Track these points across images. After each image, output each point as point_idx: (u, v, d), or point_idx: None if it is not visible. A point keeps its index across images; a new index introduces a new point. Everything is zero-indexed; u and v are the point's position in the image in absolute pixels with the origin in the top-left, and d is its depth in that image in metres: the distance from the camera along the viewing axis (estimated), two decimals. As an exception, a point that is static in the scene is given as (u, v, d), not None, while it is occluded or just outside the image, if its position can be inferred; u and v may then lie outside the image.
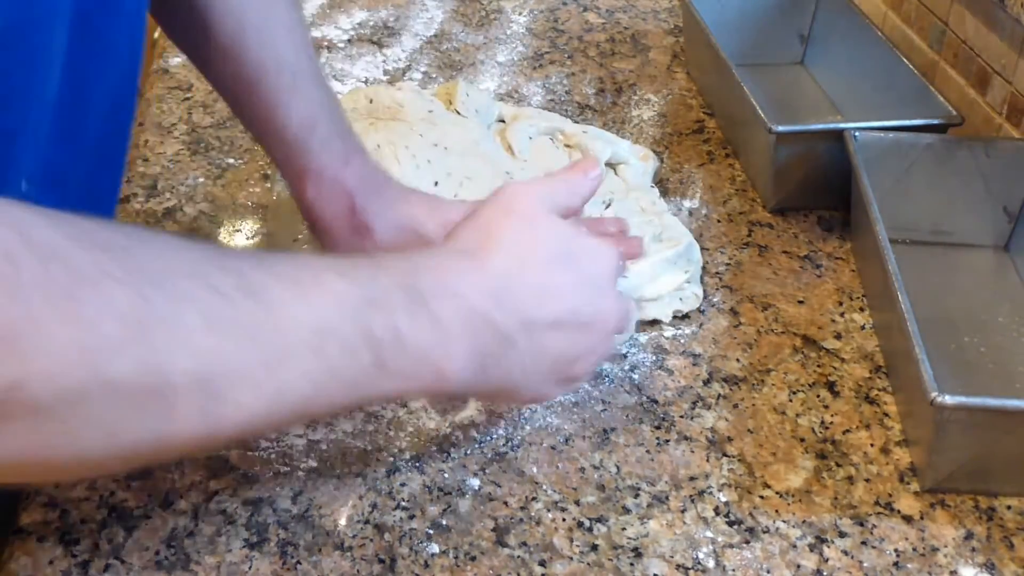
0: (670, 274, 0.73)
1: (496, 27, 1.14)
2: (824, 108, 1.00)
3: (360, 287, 0.48)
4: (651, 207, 0.79)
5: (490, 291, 0.52)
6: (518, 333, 0.52)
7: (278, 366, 0.43)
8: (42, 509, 0.57)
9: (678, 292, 0.73)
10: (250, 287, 0.44)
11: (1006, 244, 0.81)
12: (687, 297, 0.73)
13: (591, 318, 0.55)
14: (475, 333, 0.51)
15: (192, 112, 0.94)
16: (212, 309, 0.42)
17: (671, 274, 0.73)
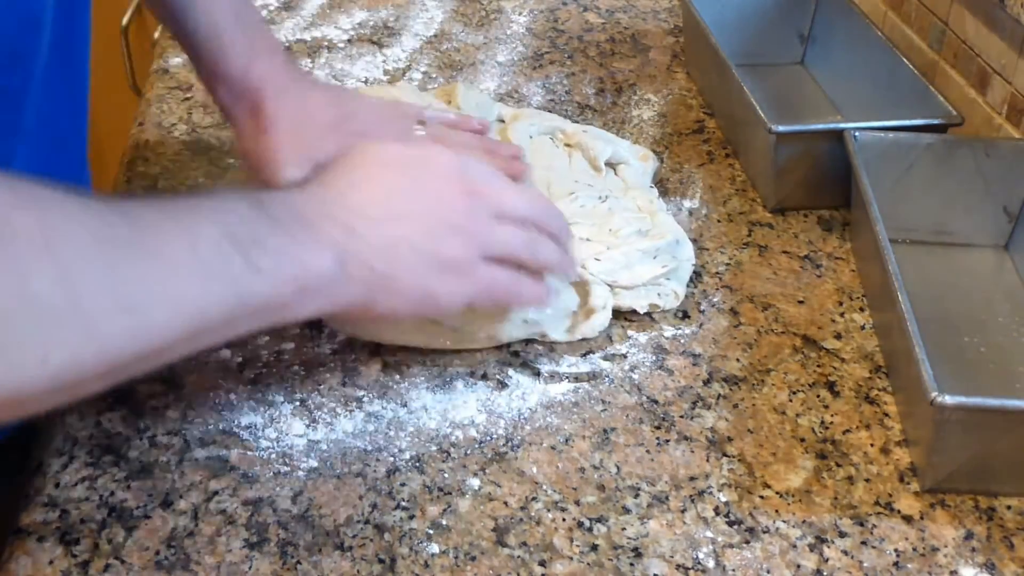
0: (645, 265, 0.73)
1: (496, 27, 1.14)
2: (824, 108, 1.00)
3: (216, 204, 0.53)
4: (648, 205, 0.79)
5: (318, 198, 0.57)
6: (356, 221, 0.56)
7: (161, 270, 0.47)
8: (42, 509, 0.57)
9: (655, 286, 0.73)
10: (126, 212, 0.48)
11: (1006, 244, 0.81)
12: (665, 293, 0.73)
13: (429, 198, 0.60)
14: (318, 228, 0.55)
15: (192, 112, 0.94)
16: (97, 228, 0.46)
17: (646, 265, 0.73)
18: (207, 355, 0.67)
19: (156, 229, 0.49)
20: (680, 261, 0.75)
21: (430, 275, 0.59)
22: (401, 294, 0.59)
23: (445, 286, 0.59)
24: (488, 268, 0.61)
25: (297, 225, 0.55)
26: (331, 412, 0.64)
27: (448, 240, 0.59)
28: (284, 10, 1.14)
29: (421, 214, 0.59)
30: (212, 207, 0.52)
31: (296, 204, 0.56)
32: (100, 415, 0.63)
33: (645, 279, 0.72)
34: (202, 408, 0.64)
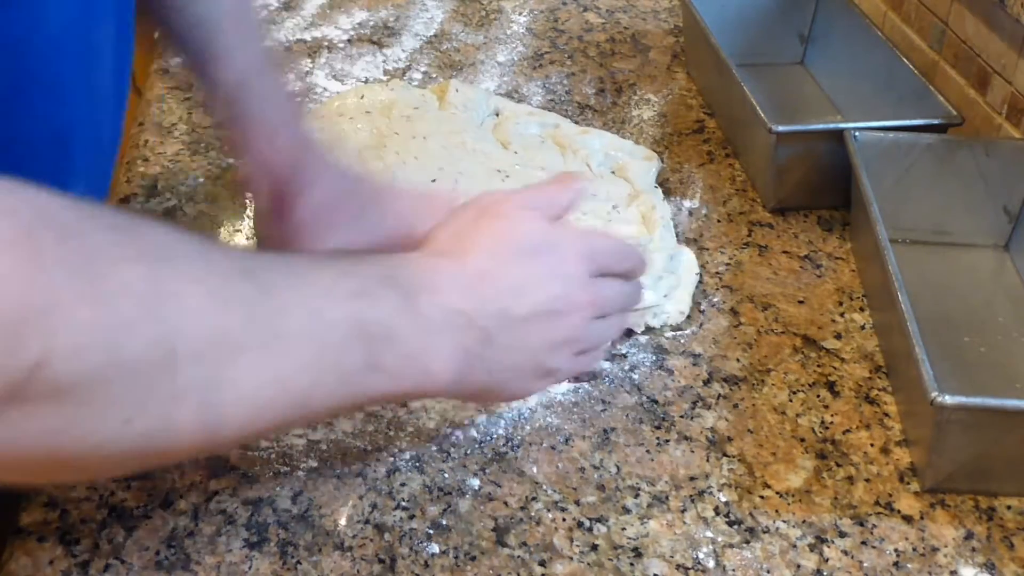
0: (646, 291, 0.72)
1: (496, 27, 1.14)
2: (824, 108, 1.00)
3: (349, 280, 0.48)
4: (651, 212, 0.79)
5: (468, 287, 0.53)
6: (496, 328, 0.53)
7: (276, 350, 0.44)
8: (42, 509, 0.57)
9: (652, 308, 0.72)
10: (249, 270, 0.44)
11: (1006, 244, 0.81)
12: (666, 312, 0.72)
13: (564, 307, 0.56)
14: (457, 329, 0.51)
15: (192, 112, 0.94)
16: (216, 288, 0.42)
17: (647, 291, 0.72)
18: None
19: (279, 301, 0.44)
20: (680, 276, 0.75)
21: (530, 381, 0.57)
22: (498, 397, 0.60)
23: (535, 388, 0.59)
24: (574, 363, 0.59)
25: (439, 323, 0.51)
26: (331, 412, 0.64)
27: (560, 352, 0.57)
28: (284, 10, 1.15)
29: (552, 324, 0.56)
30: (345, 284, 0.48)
31: (444, 291, 0.52)
32: (100, 415, 0.63)
33: (647, 303, 0.71)
34: (202, 408, 0.64)
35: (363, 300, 0.48)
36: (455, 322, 0.51)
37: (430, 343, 0.50)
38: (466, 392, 0.57)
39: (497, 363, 0.54)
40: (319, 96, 0.98)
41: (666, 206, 0.81)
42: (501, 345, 0.53)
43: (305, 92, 0.98)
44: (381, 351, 0.48)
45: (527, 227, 0.57)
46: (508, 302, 0.54)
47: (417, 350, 0.49)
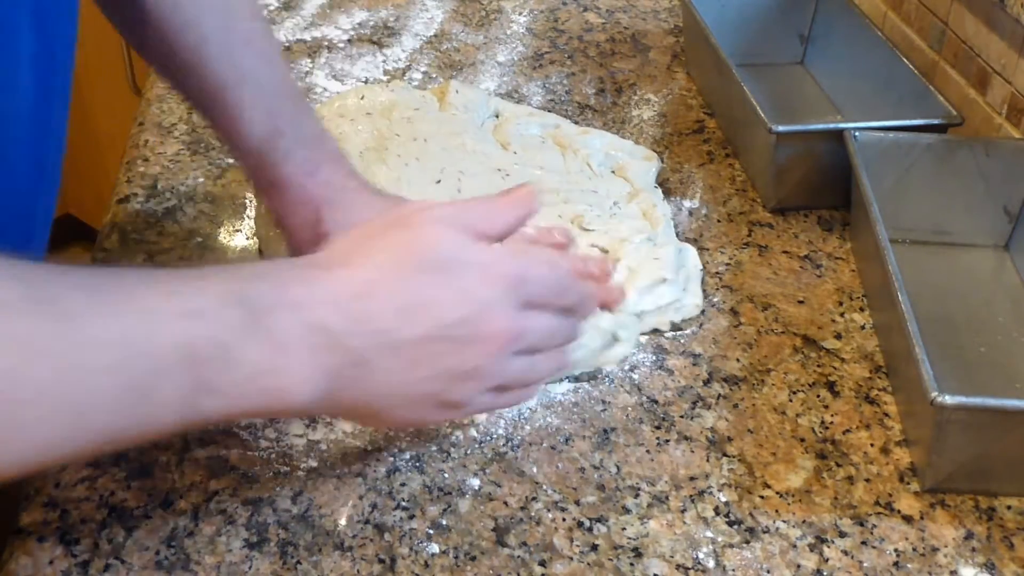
0: (666, 288, 0.72)
1: (496, 27, 1.14)
2: (824, 108, 1.00)
3: (180, 299, 0.45)
4: (652, 210, 0.79)
5: (342, 304, 0.49)
6: (375, 353, 0.49)
7: (76, 385, 0.41)
8: (42, 509, 0.57)
9: (674, 303, 0.72)
10: (42, 298, 0.41)
11: (1006, 244, 0.81)
12: (685, 306, 0.73)
13: (468, 337, 0.51)
14: (319, 350, 0.48)
15: (192, 112, 0.94)
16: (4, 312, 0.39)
17: (667, 287, 0.72)
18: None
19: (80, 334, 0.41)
20: (689, 271, 0.75)
21: (425, 410, 0.53)
22: (387, 423, 0.57)
23: (434, 418, 0.56)
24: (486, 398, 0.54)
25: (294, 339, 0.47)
26: (331, 412, 0.64)
27: (463, 384, 0.52)
28: (284, 10, 1.15)
29: (452, 354, 0.51)
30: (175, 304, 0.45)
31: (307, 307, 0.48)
32: (100, 415, 0.63)
33: (667, 299, 0.71)
34: (202, 408, 0.64)
35: (194, 320, 0.45)
36: (315, 341, 0.47)
37: (281, 363, 0.46)
38: (342, 413, 0.54)
39: (376, 387, 0.50)
40: (319, 96, 0.98)
41: (666, 205, 0.82)
42: (381, 369, 0.49)
43: (305, 92, 0.98)
44: (215, 373, 0.45)
45: (437, 241, 0.52)
46: (391, 323, 0.49)
47: (263, 370, 0.46)
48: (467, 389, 0.52)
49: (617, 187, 0.82)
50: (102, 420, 0.43)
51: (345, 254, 0.51)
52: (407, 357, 0.50)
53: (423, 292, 0.50)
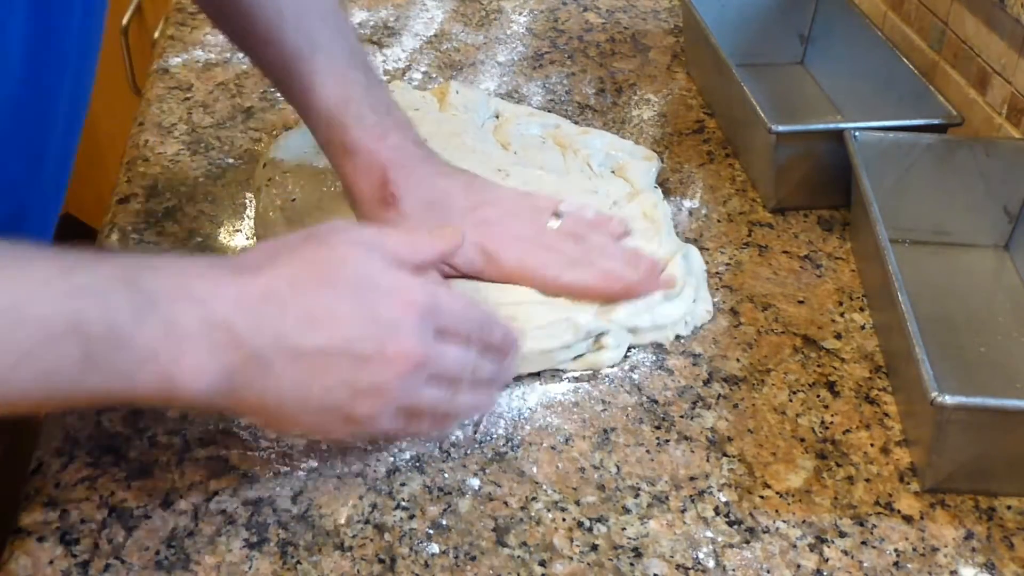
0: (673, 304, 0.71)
1: (496, 27, 1.14)
2: (824, 108, 1.00)
3: (75, 274, 0.46)
4: (652, 210, 0.79)
5: (244, 306, 0.50)
6: (275, 355, 0.50)
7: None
8: (42, 509, 0.57)
9: (683, 317, 0.72)
10: None
11: (1006, 244, 0.81)
12: (696, 315, 0.72)
13: (372, 353, 0.51)
14: (218, 345, 0.48)
15: (192, 112, 0.94)
16: None
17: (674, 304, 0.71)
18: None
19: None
20: (696, 276, 0.74)
21: (328, 421, 0.53)
22: (291, 428, 0.57)
23: (340, 432, 0.55)
24: (393, 421, 0.55)
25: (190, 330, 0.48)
26: (331, 412, 0.64)
27: (367, 400, 0.52)
28: (284, 10, 1.14)
29: (356, 367, 0.51)
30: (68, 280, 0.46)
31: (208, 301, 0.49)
32: (100, 415, 0.63)
33: (675, 318, 0.71)
34: (202, 408, 0.64)
35: (85, 299, 0.46)
36: (214, 336, 0.48)
37: (174, 352, 0.47)
38: (246, 412, 0.54)
39: (278, 391, 0.50)
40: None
41: (666, 205, 0.81)
42: (283, 373, 0.50)
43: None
44: (104, 351, 0.46)
45: (352, 260, 0.53)
46: (294, 329, 0.50)
47: (154, 357, 0.47)
48: (371, 406, 0.52)
49: (617, 187, 0.82)
50: None
51: (255, 261, 0.52)
52: (308, 365, 0.50)
53: (329, 304, 0.51)
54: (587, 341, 0.68)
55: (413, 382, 0.53)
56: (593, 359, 0.68)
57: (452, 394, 0.56)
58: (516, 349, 0.60)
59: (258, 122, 0.93)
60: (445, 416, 0.58)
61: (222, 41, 1.07)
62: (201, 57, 1.04)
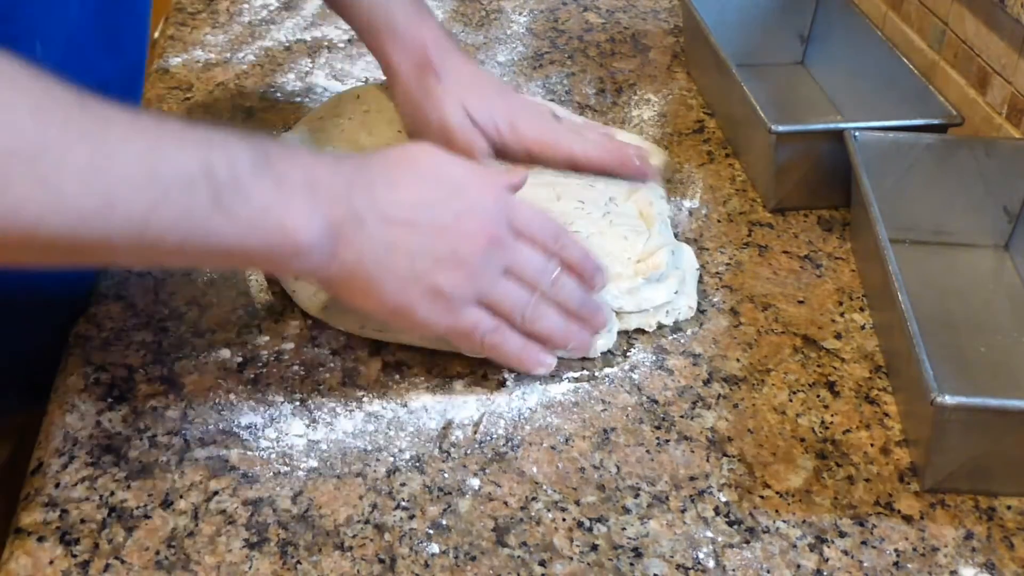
0: (654, 290, 0.72)
1: (496, 27, 1.14)
2: (824, 108, 1.00)
3: (202, 129, 0.51)
4: (648, 208, 0.78)
5: (340, 172, 0.55)
6: (371, 216, 0.55)
7: (107, 169, 0.46)
8: (42, 509, 0.57)
9: (665, 305, 0.72)
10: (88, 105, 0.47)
11: (1006, 244, 0.81)
12: (678, 308, 0.72)
13: (450, 223, 0.57)
14: (321, 201, 0.53)
15: (192, 112, 0.94)
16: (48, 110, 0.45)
17: (655, 290, 0.72)
18: (207, 355, 0.67)
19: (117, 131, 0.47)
20: (685, 271, 0.75)
21: (414, 294, 0.57)
22: (378, 299, 0.58)
23: (424, 309, 0.58)
24: (476, 311, 0.59)
25: (298, 185, 0.53)
26: (331, 412, 0.64)
27: (448, 272, 0.57)
28: (284, 10, 1.15)
29: (437, 236, 0.57)
30: (195, 133, 0.50)
31: (311, 167, 0.54)
32: (100, 415, 0.63)
33: (657, 303, 0.71)
34: (202, 408, 0.64)
35: (211, 147, 0.50)
36: (318, 193, 0.53)
37: (286, 201, 0.52)
38: (340, 280, 0.56)
39: (371, 251, 0.55)
40: (319, 96, 0.98)
41: (664, 203, 0.81)
42: (376, 237, 0.55)
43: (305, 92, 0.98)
44: (227, 196, 0.50)
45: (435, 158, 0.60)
46: (385, 193, 0.56)
47: (270, 203, 0.51)
48: (452, 278, 0.57)
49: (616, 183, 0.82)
50: (130, 207, 0.47)
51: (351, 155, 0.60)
52: (395, 231, 0.56)
53: (412, 182, 0.58)
54: None
55: (490, 261, 0.58)
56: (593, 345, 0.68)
57: (537, 301, 0.61)
58: (603, 279, 0.65)
59: (258, 122, 0.93)
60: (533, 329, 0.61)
61: (222, 41, 1.07)
62: (201, 57, 1.04)
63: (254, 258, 0.54)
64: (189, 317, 0.70)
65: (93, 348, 0.67)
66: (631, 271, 0.71)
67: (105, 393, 0.64)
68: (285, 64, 1.03)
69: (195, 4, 1.14)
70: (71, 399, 0.64)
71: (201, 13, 1.12)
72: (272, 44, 1.07)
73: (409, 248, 0.56)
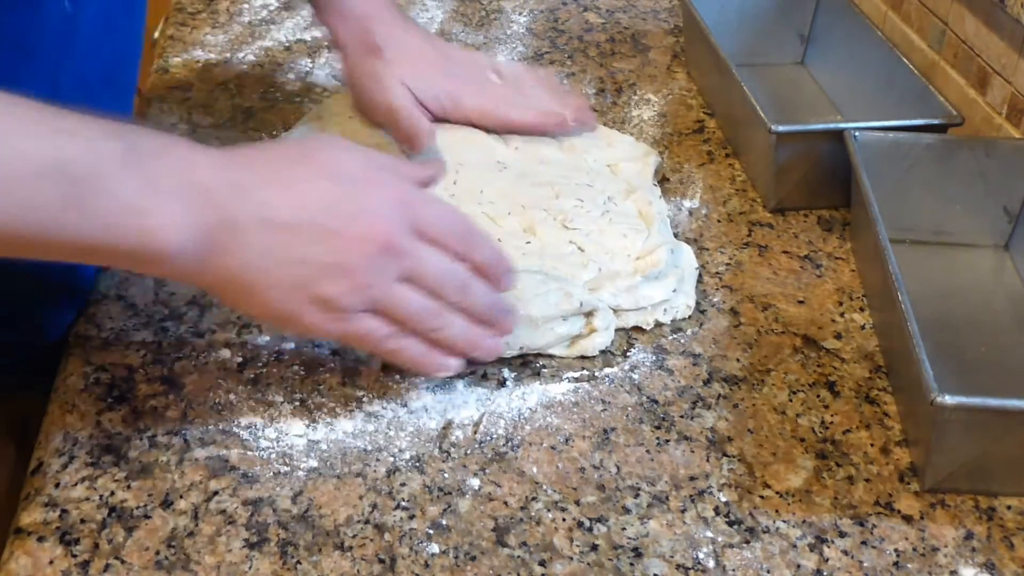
0: (653, 288, 0.72)
1: (496, 27, 1.14)
2: (824, 108, 1.00)
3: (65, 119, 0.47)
4: (647, 208, 0.78)
5: (222, 172, 0.51)
6: (250, 223, 0.51)
7: None
8: (42, 509, 0.57)
9: (663, 303, 0.72)
10: None
11: (1006, 244, 0.81)
12: (676, 307, 0.73)
13: (340, 228, 0.53)
14: (194, 202, 0.49)
15: (192, 112, 0.94)
16: None
17: (654, 288, 0.72)
18: (207, 355, 0.67)
19: None
20: (684, 270, 0.75)
21: (298, 302, 0.54)
22: (261, 307, 0.55)
23: (311, 317, 0.55)
24: (368, 320, 0.56)
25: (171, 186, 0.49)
26: (331, 412, 0.64)
27: (334, 281, 0.53)
28: (284, 10, 1.15)
29: (323, 242, 0.53)
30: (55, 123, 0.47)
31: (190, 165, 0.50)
32: (100, 415, 0.63)
33: (655, 300, 0.72)
34: (202, 408, 0.64)
35: (71, 140, 0.47)
36: (192, 196, 0.49)
37: (154, 204, 0.48)
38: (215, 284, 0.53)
39: (249, 259, 0.51)
40: (319, 96, 0.98)
41: (662, 203, 0.81)
42: (254, 241, 0.51)
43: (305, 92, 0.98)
44: (85, 196, 0.47)
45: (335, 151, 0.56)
46: (270, 196, 0.51)
47: (134, 206, 0.48)
48: (338, 286, 0.53)
49: (614, 183, 0.82)
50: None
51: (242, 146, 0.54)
52: (278, 236, 0.52)
53: (305, 181, 0.53)
54: (580, 322, 0.68)
55: (383, 269, 0.54)
56: (586, 343, 0.69)
57: (438, 309, 0.56)
58: (511, 282, 0.61)
59: (258, 122, 0.93)
60: (434, 337, 0.58)
61: (222, 41, 1.07)
62: (201, 57, 1.04)
63: (118, 258, 0.51)
64: (189, 317, 0.70)
65: (93, 348, 0.67)
66: (630, 268, 0.72)
67: (105, 393, 0.64)
68: (285, 64, 1.03)
69: (195, 4, 1.14)
70: (71, 399, 0.64)
71: (201, 13, 1.12)
72: (272, 44, 1.07)
73: (290, 256, 0.52)
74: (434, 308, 0.57)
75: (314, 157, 0.55)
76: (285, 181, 0.53)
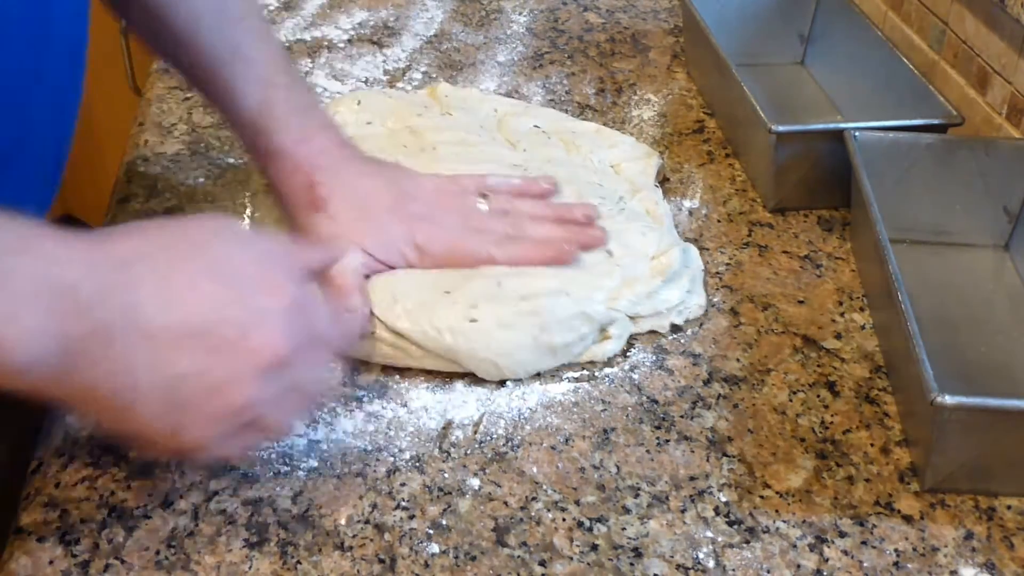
0: (670, 290, 0.72)
1: (496, 27, 1.14)
2: (824, 108, 1.00)
3: None
4: (654, 208, 0.79)
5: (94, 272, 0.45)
6: (125, 333, 0.44)
7: None
8: (42, 509, 0.57)
9: (678, 305, 0.72)
10: None
11: (1006, 244, 0.81)
12: (689, 308, 0.73)
13: (232, 342, 0.47)
14: (59, 312, 0.43)
15: (192, 112, 0.94)
16: None
17: (671, 290, 0.72)
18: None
19: None
20: (693, 271, 0.75)
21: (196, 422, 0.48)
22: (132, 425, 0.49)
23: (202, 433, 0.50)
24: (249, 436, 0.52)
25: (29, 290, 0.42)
26: (331, 412, 0.64)
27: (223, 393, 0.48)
28: (284, 10, 1.15)
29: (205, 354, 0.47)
30: None
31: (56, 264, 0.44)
32: (100, 415, 0.63)
33: (672, 303, 0.72)
34: (202, 408, 0.64)
35: None
36: (57, 300, 0.43)
37: (7, 310, 0.42)
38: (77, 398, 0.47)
39: (121, 375, 0.45)
40: (319, 96, 0.98)
41: (665, 204, 0.81)
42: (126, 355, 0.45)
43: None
44: None
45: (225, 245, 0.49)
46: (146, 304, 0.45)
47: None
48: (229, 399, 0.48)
49: (621, 183, 0.82)
50: None
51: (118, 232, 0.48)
52: (158, 348, 0.46)
53: (191, 282, 0.47)
54: (595, 334, 0.68)
55: (272, 383, 0.49)
56: (597, 350, 0.69)
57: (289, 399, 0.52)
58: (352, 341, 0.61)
59: (258, 122, 0.93)
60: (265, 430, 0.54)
61: (222, 41, 1.06)
62: (201, 57, 1.04)
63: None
64: (189, 317, 0.70)
65: (93, 348, 0.67)
66: (648, 271, 0.72)
67: (105, 393, 0.64)
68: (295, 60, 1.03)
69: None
70: (71, 399, 0.64)
71: (201, 13, 1.12)
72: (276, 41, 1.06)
73: (173, 371, 0.46)
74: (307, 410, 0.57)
75: (203, 251, 0.49)
76: (168, 281, 0.46)
